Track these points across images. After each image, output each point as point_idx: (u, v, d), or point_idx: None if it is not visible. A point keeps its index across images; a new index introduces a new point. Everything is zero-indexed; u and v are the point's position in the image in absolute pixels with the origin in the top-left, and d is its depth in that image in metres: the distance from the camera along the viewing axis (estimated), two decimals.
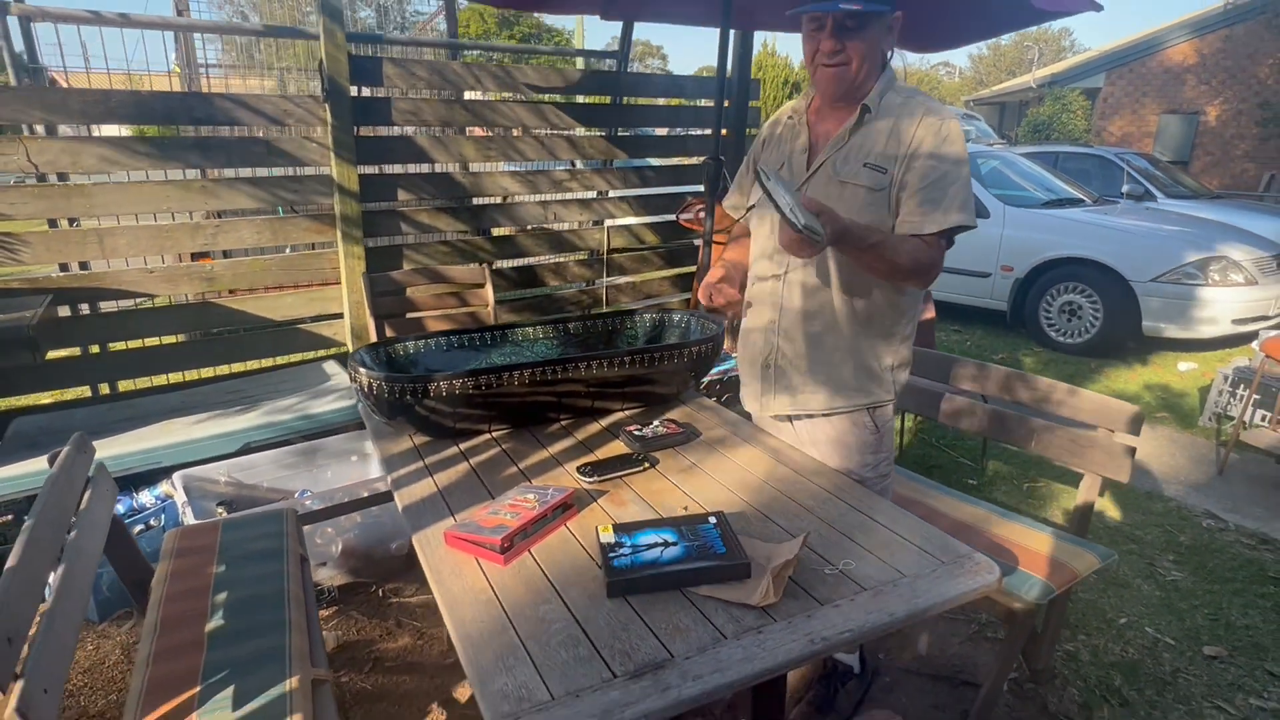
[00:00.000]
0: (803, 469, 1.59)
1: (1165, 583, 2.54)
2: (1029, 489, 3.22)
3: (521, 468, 1.61)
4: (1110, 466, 1.86)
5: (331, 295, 3.28)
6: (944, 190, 1.47)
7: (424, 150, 3.38)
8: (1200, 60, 12.78)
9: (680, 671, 0.99)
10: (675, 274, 4.49)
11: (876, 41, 1.50)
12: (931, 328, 3.40)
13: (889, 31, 1.52)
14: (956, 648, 2.19)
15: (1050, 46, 33.03)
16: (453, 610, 1.13)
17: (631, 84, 4.09)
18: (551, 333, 2.08)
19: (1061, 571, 1.75)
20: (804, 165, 1.61)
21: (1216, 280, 4.94)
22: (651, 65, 28.95)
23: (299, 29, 3.35)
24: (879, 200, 1.51)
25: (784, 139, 1.68)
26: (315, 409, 2.69)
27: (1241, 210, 6.97)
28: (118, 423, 2.59)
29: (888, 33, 1.52)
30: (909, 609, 1.12)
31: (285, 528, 1.88)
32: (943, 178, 1.47)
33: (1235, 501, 3.13)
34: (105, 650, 2.12)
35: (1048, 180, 6.34)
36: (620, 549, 1.22)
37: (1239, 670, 2.12)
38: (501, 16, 16.78)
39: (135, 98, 2.73)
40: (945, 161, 1.47)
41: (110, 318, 3.03)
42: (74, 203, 2.71)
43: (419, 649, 2.17)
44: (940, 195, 1.47)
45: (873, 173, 1.51)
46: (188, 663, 1.39)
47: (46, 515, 1.37)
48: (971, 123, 13.58)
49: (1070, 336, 5.28)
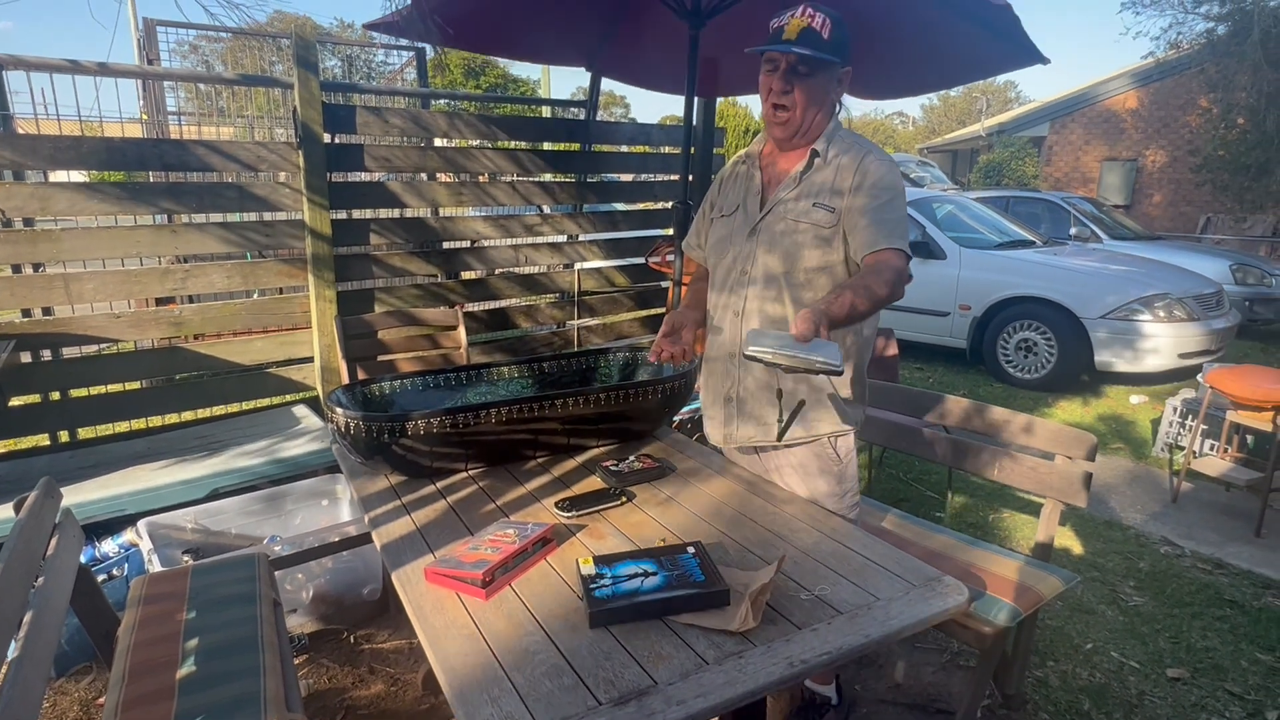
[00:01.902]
0: (775, 499, 1.63)
1: (1128, 608, 2.61)
2: (993, 520, 3.29)
3: (499, 504, 1.63)
4: (1069, 492, 1.94)
5: (301, 339, 3.27)
6: (893, 214, 1.56)
7: (396, 195, 3.43)
8: (1136, 110, 13.53)
9: (664, 697, 1.01)
10: (645, 315, 4.57)
11: (825, 89, 1.61)
12: (895, 364, 3.50)
13: (838, 83, 1.65)
14: (930, 676, 2.22)
15: (997, 98, 34.63)
16: (436, 645, 1.14)
17: (600, 132, 4.21)
18: (526, 372, 2.11)
19: (1027, 595, 1.81)
20: (758, 206, 1.69)
21: (1162, 317, 5.17)
22: (615, 114, 29.62)
23: (274, 78, 3.41)
24: (828, 236, 1.60)
25: (739, 181, 1.77)
26: (285, 453, 2.66)
27: (1182, 251, 7.34)
28: (81, 469, 2.54)
29: (837, 84, 1.64)
30: (883, 630, 1.16)
31: (257, 572, 1.85)
32: (890, 203, 1.56)
33: (1189, 528, 3.24)
34: (63, 707, 2.04)
35: (1000, 223, 6.61)
36: (601, 580, 1.24)
37: (1201, 691, 2.18)
38: (468, 67, 17.08)
39: (107, 144, 2.74)
40: (891, 191, 1.58)
41: (74, 363, 2.99)
42: (41, 248, 2.69)
43: (392, 695, 2.13)
44: (891, 218, 1.55)
45: (823, 211, 1.60)
46: (158, 711, 1.36)
47: (14, 562, 1.35)
48: (926, 169, 14.11)
49: (1027, 372, 5.46)
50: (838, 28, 1.56)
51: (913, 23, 3.05)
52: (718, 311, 1.76)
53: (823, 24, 1.54)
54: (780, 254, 1.63)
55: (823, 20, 1.54)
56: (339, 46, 9.51)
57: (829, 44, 1.54)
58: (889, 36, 3.27)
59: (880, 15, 2.89)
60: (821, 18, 1.55)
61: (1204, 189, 11.63)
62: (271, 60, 6.63)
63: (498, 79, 17.64)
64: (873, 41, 3.36)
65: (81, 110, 3.13)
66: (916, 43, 3.18)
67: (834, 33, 1.55)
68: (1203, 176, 11.22)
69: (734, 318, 1.70)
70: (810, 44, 1.53)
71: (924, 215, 6.19)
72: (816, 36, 1.54)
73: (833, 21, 1.55)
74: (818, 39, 1.54)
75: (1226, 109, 10.49)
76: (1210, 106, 11.05)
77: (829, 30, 1.54)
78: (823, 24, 1.54)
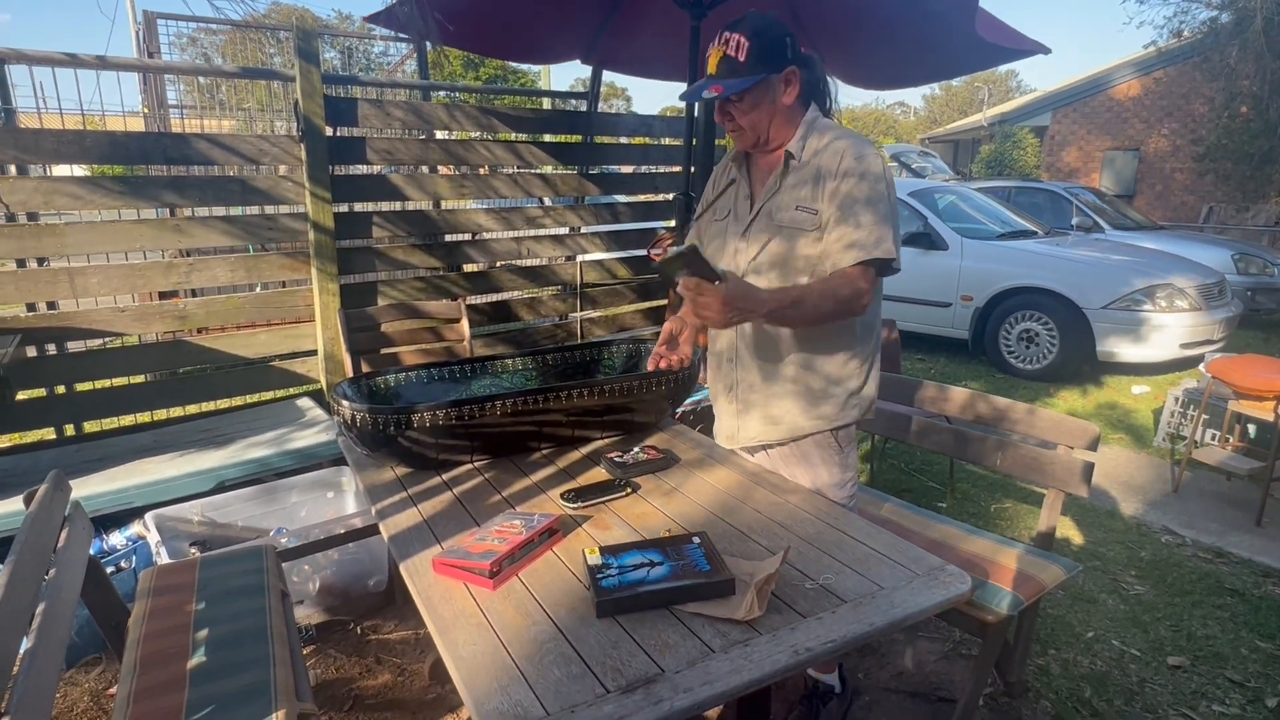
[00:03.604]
0: (779, 489, 1.64)
1: (1129, 597, 2.62)
2: (995, 510, 3.30)
3: (505, 496, 1.64)
4: (1070, 482, 1.95)
5: (305, 332, 3.28)
6: (858, 221, 1.51)
7: (399, 188, 3.43)
8: (1139, 99, 13.48)
9: (671, 685, 1.02)
10: (648, 307, 4.57)
11: (767, 105, 1.57)
12: (897, 350, 3.50)
13: (786, 87, 1.57)
14: (933, 665, 2.24)
15: (999, 87, 34.49)
16: (445, 634, 1.15)
17: (602, 124, 4.20)
18: (530, 364, 2.12)
19: (1029, 583, 1.82)
20: (747, 209, 1.69)
21: (1164, 306, 5.17)
22: (616, 105, 29.52)
23: (275, 71, 3.40)
24: (816, 236, 1.57)
25: (729, 186, 1.76)
26: (290, 445, 2.67)
27: (1184, 241, 7.33)
28: (87, 463, 2.55)
29: (784, 89, 1.57)
30: (887, 619, 1.17)
31: (265, 564, 1.87)
32: (856, 211, 1.51)
33: (1191, 517, 3.25)
34: (74, 698, 2.06)
35: (1002, 214, 6.60)
36: (608, 570, 1.25)
37: (1201, 679, 2.20)
38: (467, 59, 17.02)
39: (110, 138, 2.74)
40: (861, 193, 1.52)
41: (79, 357, 2.99)
42: (45, 242, 2.69)
43: (399, 685, 2.15)
44: (855, 226, 1.51)
45: (807, 215, 1.57)
46: (170, 701, 1.38)
47: (26, 554, 1.36)
48: (928, 159, 14.07)
49: (1029, 363, 5.46)
50: (759, 39, 1.51)
51: (913, 12, 3.04)
52: None
53: (738, 47, 1.50)
54: (771, 253, 1.63)
55: (738, 42, 1.50)
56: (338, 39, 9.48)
57: (748, 64, 1.50)
58: (889, 26, 3.27)
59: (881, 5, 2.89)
60: (737, 39, 1.50)
61: (1207, 178, 11.61)
62: (271, 53, 6.61)
63: (497, 70, 17.58)
64: (873, 32, 3.36)
65: (82, 104, 3.14)
66: (917, 32, 3.17)
67: (754, 49, 1.50)
68: (1205, 166, 11.20)
69: None
70: (729, 72, 1.52)
71: (926, 206, 6.18)
72: (734, 64, 1.51)
73: (751, 38, 1.50)
74: (735, 65, 1.51)
75: (1229, 98, 10.46)
76: (1213, 95, 11.01)
77: (746, 51, 1.50)
78: (738, 47, 1.50)
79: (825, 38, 3.47)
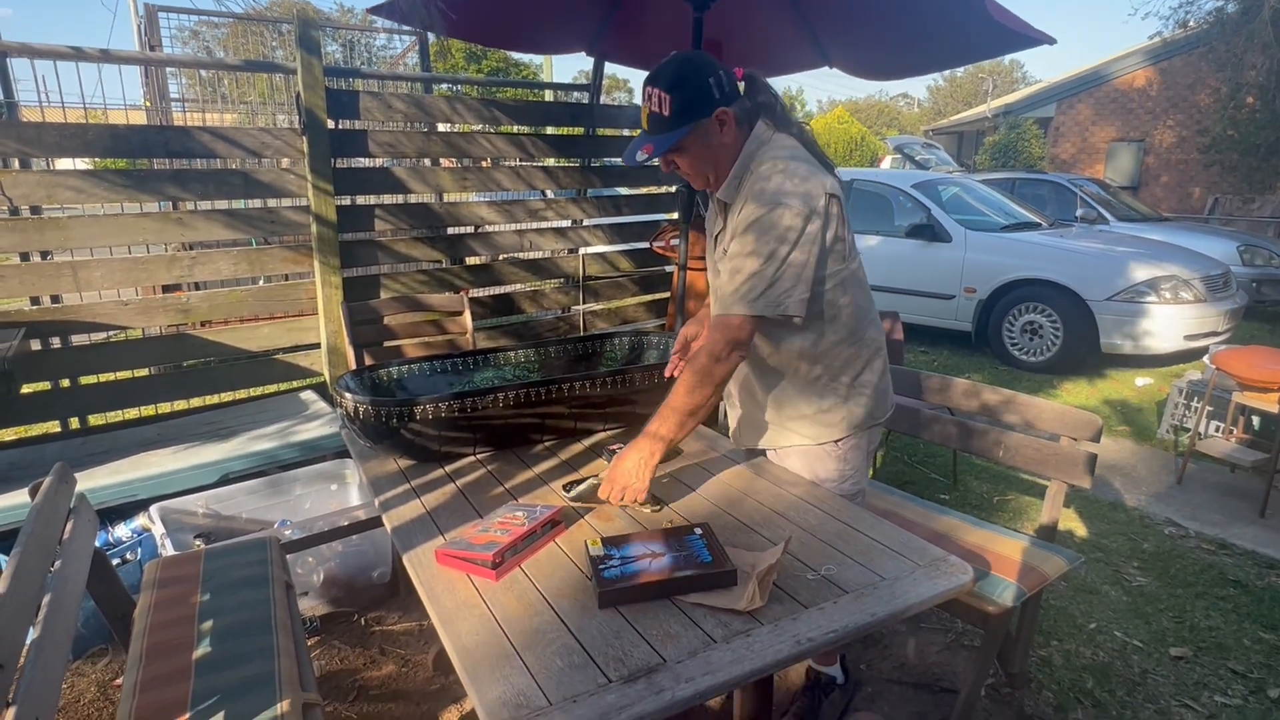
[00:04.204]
0: (780, 481, 1.64)
1: (1131, 588, 2.62)
2: (998, 502, 3.30)
3: (508, 487, 1.64)
4: (1074, 473, 1.94)
5: (308, 325, 3.29)
6: (736, 279, 1.50)
7: (401, 181, 3.42)
8: (1144, 90, 13.39)
9: (673, 674, 1.03)
10: (650, 299, 4.57)
11: (702, 149, 1.54)
12: (901, 347, 3.50)
13: (720, 128, 1.52)
14: (935, 656, 2.24)
15: (1003, 78, 34.33)
16: (448, 624, 1.16)
17: (604, 116, 4.19)
18: (533, 356, 2.12)
19: (1032, 575, 1.82)
20: (713, 242, 1.71)
21: (1168, 298, 5.15)
22: (618, 98, 29.46)
23: (277, 63, 3.40)
24: None
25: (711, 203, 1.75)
26: (294, 438, 2.68)
27: (1189, 232, 7.30)
28: (92, 456, 2.56)
29: (719, 129, 1.53)
30: (889, 609, 1.17)
31: (270, 555, 1.87)
32: (739, 268, 1.50)
33: (1194, 509, 3.25)
34: (81, 688, 2.08)
35: (1006, 205, 6.57)
36: (610, 561, 1.26)
37: (1204, 669, 2.20)
38: (469, 50, 16.95)
39: (113, 131, 2.74)
40: (744, 250, 1.50)
41: (83, 351, 3.00)
42: (49, 236, 2.70)
43: (403, 676, 2.16)
44: (736, 282, 1.50)
45: None
46: (176, 691, 1.38)
47: (32, 545, 1.37)
48: (932, 151, 14.01)
49: (1033, 355, 5.45)
50: (679, 92, 1.48)
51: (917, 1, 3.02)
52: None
53: (660, 102, 1.49)
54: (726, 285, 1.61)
55: (659, 98, 1.49)
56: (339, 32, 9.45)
57: (674, 118, 1.49)
58: (893, 16, 3.25)
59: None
60: (658, 95, 1.49)
61: (1212, 170, 11.54)
62: (273, 46, 6.60)
63: (499, 62, 17.52)
64: (879, 20, 3.34)
65: (75, 99, 3.14)
66: (920, 22, 3.15)
67: (675, 101, 1.48)
68: (1211, 157, 11.13)
69: None
70: (658, 127, 1.51)
71: (929, 198, 6.16)
72: (659, 119, 1.50)
73: (669, 90, 1.48)
74: (661, 120, 1.50)
75: (1235, 88, 10.39)
76: (1219, 86, 10.93)
77: (669, 105, 1.48)
78: (660, 102, 1.49)
79: (830, 27, 3.45)
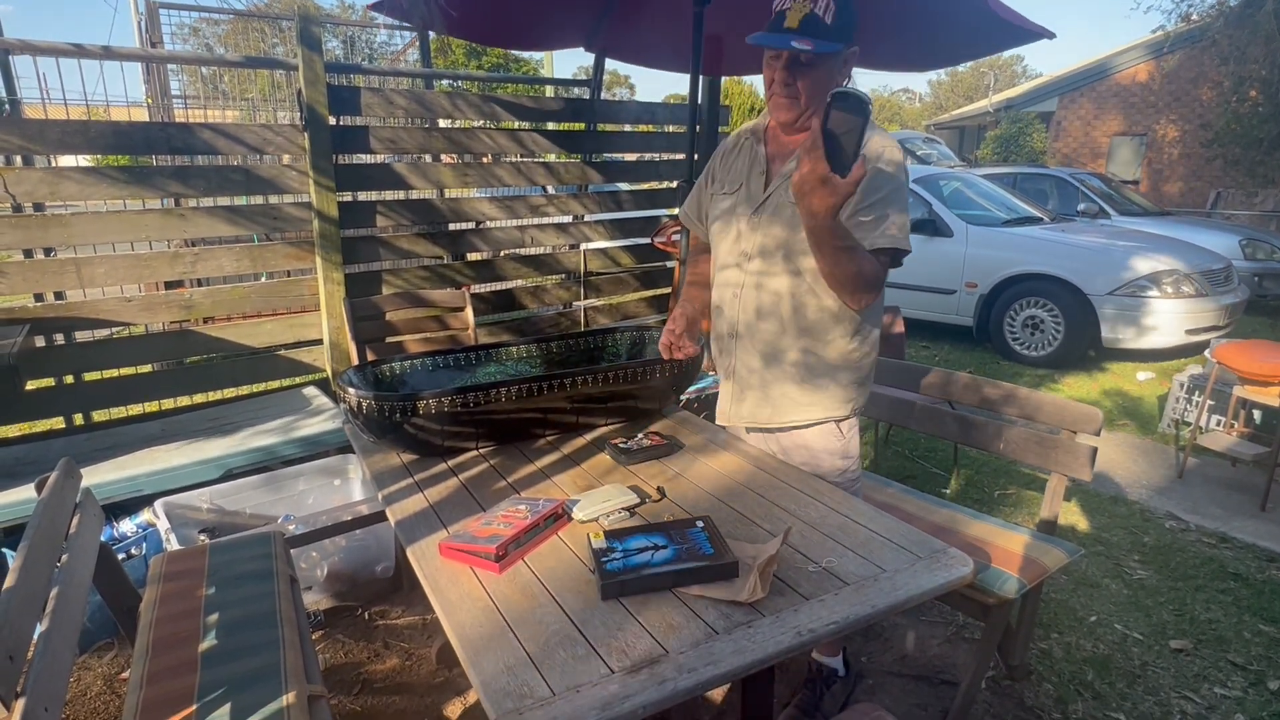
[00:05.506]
0: (781, 474, 1.65)
1: (1132, 581, 2.63)
2: (999, 496, 3.31)
3: (510, 481, 1.65)
4: (1074, 466, 1.95)
5: (310, 321, 3.30)
6: (884, 210, 1.51)
7: (402, 177, 3.43)
8: (1146, 84, 13.35)
9: (675, 665, 1.03)
10: (652, 295, 4.57)
11: (828, 77, 1.52)
12: (902, 341, 3.50)
13: (844, 65, 1.54)
14: (936, 648, 2.25)
15: (1004, 72, 34.24)
16: (451, 616, 1.17)
17: (605, 111, 4.19)
18: (535, 351, 2.13)
19: (1032, 567, 1.83)
20: (761, 187, 1.65)
21: (1169, 292, 5.15)
22: (619, 93, 29.40)
23: (278, 60, 3.40)
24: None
25: (743, 156, 1.72)
26: (297, 433, 2.69)
27: (1191, 226, 7.29)
28: (97, 451, 2.57)
29: (842, 67, 1.54)
30: (890, 601, 1.18)
31: (274, 549, 1.89)
32: (884, 199, 1.51)
33: (1195, 503, 3.26)
34: (87, 682, 2.09)
35: (1007, 200, 6.57)
36: (612, 553, 1.27)
37: (1204, 662, 2.21)
38: (470, 47, 16.92)
39: (115, 128, 2.75)
40: (887, 182, 1.52)
41: (87, 347, 3.02)
42: (52, 233, 2.71)
43: (407, 669, 2.18)
44: (882, 215, 1.51)
45: None
46: (182, 683, 1.40)
47: (39, 540, 1.38)
48: (933, 146, 13.97)
49: (1034, 349, 5.45)
50: (843, 8, 1.46)
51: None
52: (718, 290, 1.77)
53: (826, 8, 1.43)
54: (783, 223, 1.59)
55: (826, 4, 1.44)
56: (340, 28, 9.44)
57: (833, 29, 1.44)
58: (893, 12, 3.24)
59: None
60: (826, 1, 1.46)
61: (1215, 163, 11.51)
62: (273, 43, 6.60)
63: (500, 58, 17.48)
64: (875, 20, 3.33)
65: (76, 96, 3.15)
66: (923, 16, 3.14)
67: (839, 16, 1.45)
68: (1214, 151, 11.09)
69: (733, 297, 1.70)
70: (813, 32, 1.43)
71: (930, 193, 6.15)
72: (819, 24, 1.43)
73: (838, 2, 1.45)
74: (820, 26, 1.43)
75: (1238, 82, 10.33)
76: (1222, 80, 10.89)
77: (832, 15, 1.44)
78: (826, 8, 1.43)
79: None
